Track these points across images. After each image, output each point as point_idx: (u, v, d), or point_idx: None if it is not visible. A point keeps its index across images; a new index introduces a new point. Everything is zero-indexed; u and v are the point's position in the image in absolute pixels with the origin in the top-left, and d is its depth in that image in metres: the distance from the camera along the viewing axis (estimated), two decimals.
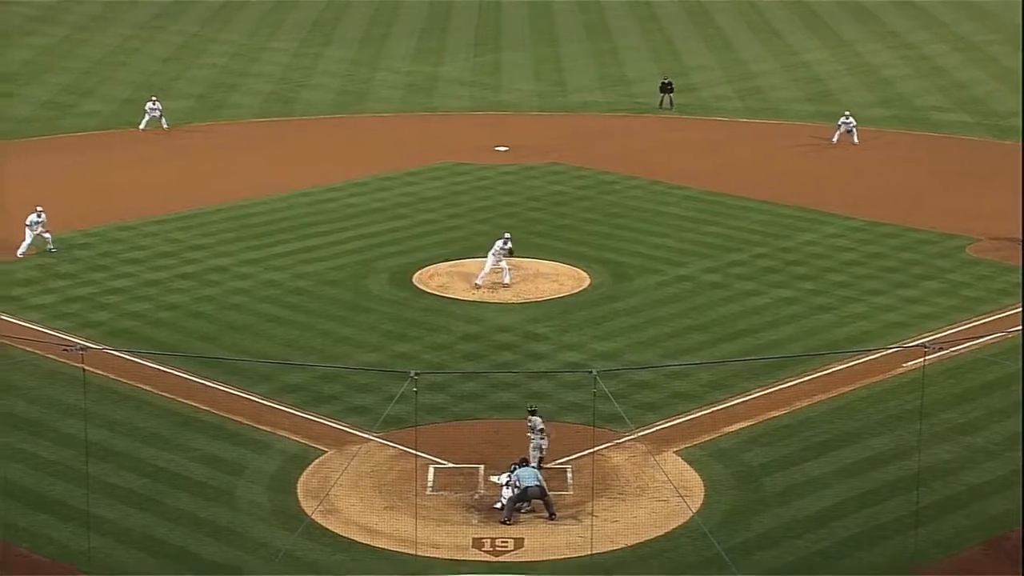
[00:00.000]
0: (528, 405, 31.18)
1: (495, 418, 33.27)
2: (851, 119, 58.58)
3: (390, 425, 31.56)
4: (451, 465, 30.81)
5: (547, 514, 28.48)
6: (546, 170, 55.86)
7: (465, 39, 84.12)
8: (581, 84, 71.96)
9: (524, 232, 47.69)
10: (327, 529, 28.29)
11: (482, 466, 30.55)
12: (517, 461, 29.00)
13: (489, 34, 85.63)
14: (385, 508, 29.18)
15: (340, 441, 32.13)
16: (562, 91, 70.84)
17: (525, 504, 28.54)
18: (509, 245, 41.62)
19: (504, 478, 28.83)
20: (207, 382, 34.99)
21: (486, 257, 42.20)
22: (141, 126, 62.10)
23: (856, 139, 58.06)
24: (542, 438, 30.16)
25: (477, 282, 41.56)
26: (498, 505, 28.79)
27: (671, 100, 65.37)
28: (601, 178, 54.36)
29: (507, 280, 41.61)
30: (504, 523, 28.29)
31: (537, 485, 28.41)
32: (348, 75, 75.01)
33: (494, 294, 41.73)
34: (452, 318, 39.76)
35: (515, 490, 28.40)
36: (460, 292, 41.88)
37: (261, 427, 32.83)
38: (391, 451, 31.49)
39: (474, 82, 73.14)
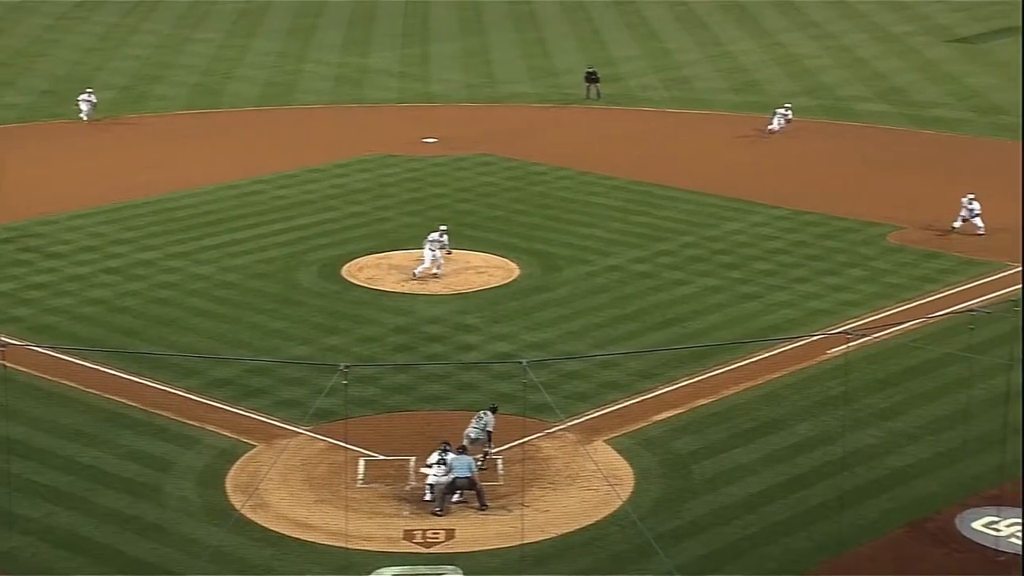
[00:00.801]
0: (492, 404, 30.63)
1: (426, 410, 33.16)
2: (789, 111, 58.59)
3: (320, 418, 31.32)
4: (382, 457, 30.65)
5: (478, 504, 28.42)
6: (476, 161, 55.75)
7: (393, 30, 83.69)
8: (510, 75, 71.92)
9: (454, 224, 47.48)
10: (257, 524, 28.02)
11: (413, 458, 30.43)
12: (454, 449, 28.77)
13: (417, 25, 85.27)
14: (315, 502, 28.96)
15: (270, 435, 31.83)
16: (491, 82, 70.74)
17: (456, 494, 28.45)
18: (445, 239, 41.28)
19: (434, 457, 28.53)
20: (133, 377, 34.49)
21: (421, 249, 41.93)
22: (84, 118, 61.03)
23: (779, 128, 58.21)
24: (479, 435, 29.77)
25: (416, 272, 41.29)
26: (427, 497, 28.66)
27: (597, 90, 65.45)
28: (530, 169, 54.38)
29: (439, 271, 41.44)
30: (436, 514, 28.21)
31: (467, 476, 28.35)
32: (275, 67, 74.31)
33: (424, 286, 41.58)
34: (382, 310, 39.56)
35: (439, 467, 28.06)
36: (390, 284, 41.67)
37: (189, 422, 32.43)
38: (321, 444, 31.26)
39: (403, 73, 72.82)
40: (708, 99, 66.07)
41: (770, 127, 58.36)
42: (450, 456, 28.46)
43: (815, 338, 36.11)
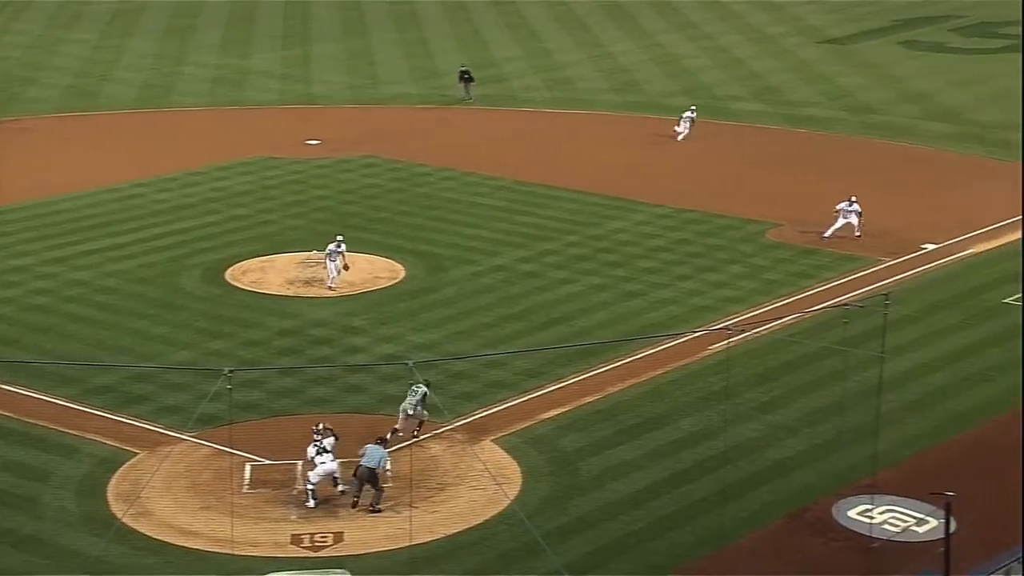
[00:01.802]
0: (425, 381, 30.88)
1: (313, 413, 32.90)
2: (694, 113, 58.09)
3: (204, 424, 30.90)
4: (268, 462, 30.37)
5: (370, 503, 28.30)
6: (359, 163, 55.49)
7: (273, 31, 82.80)
8: (392, 76, 71.70)
9: (339, 226, 47.20)
10: (139, 532, 27.54)
11: (300, 462, 30.17)
12: (327, 435, 28.89)
13: (297, 26, 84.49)
14: (200, 508, 28.56)
15: (152, 442, 31.30)
16: (373, 83, 70.45)
17: (360, 486, 28.43)
18: (342, 248, 40.57)
19: (312, 451, 28.58)
20: (8, 387, 33.59)
21: (305, 252, 41.58)
22: None
23: (685, 132, 57.47)
24: (416, 409, 30.34)
25: (329, 284, 40.39)
26: (310, 489, 28.37)
27: (470, 91, 65.01)
28: (415, 170, 54.30)
29: (332, 283, 40.45)
30: (355, 502, 28.05)
31: (371, 469, 28.28)
32: (152, 68, 72.99)
33: (310, 288, 41.26)
34: (267, 314, 39.17)
35: (323, 455, 28.27)
36: (274, 287, 41.28)
37: (68, 431, 31.71)
38: (206, 450, 30.84)
39: (284, 75, 72.11)
40: (589, 99, 66.70)
41: (677, 128, 57.69)
42: (367, 448, 28.46)
43: (697, 334, 36.73)
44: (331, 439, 28.91)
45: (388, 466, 28.69)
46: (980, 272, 42.74)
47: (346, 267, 40.63)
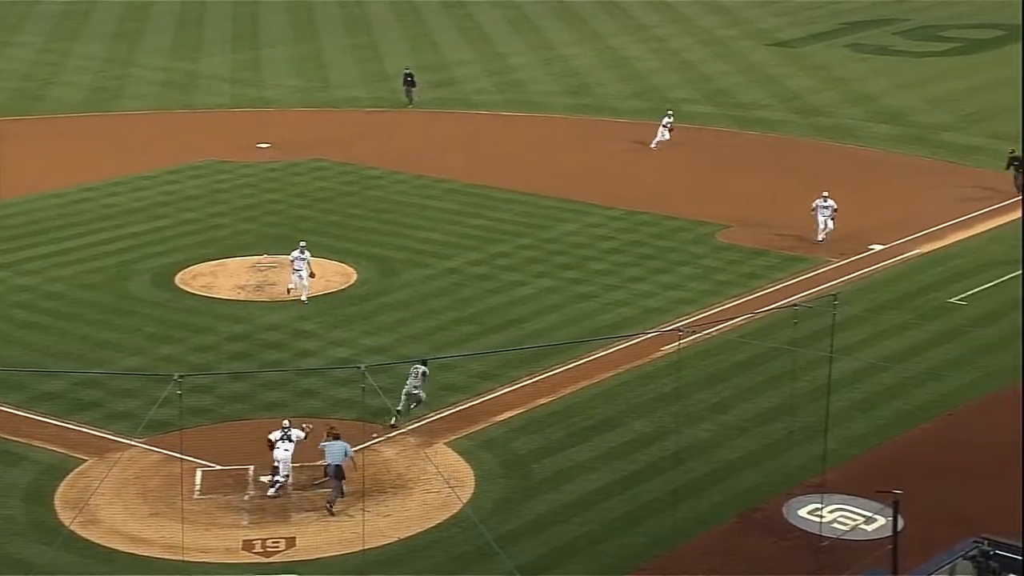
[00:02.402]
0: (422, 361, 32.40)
1: (264, 418, 32.69)
2: (671, 118, 56.85)
3: (155, 430, 30.62)
4: (219, 468, 30.14)
5: (329, 501, 28.25)
6: (310, 166, 55.23)
7: (223, 35, 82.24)
8: (343, 79, 71.43)
9: (290, 229, 47.05)
10: (88, 540, 27.24)
11: (251, 467, 30.01)
12: (293, 428, 29.08)
13: (247, 29, 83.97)
14: (150, 515, 28.31)
15: (101, 449, 30.98)
16: (324, 86, 70.16)
17: (340, 483, 28.47)
18: (306, 255, 39.66)
19: (277, 434, 28.64)
20: None
21: (256, 255, 41.29)
22: None
23: (662, 138, 56.36)
24: (416, 387, 31.56)
25: (303, 299, 39.45)
26: (278, 477, 28.43)
27: (412, 95, 64.10)
28: (366, 173, 54.13)
29: (302, 294, 39.40)
30: (329, 505, 28.25)
31: (338, 465, 28.24)
32: (100, 71, 72.26)
33: (261, 292, 41.02)
34: (218, 318, 38.88)
35: (284, 443, 28.51)
36: (225, 292, 41.00)
37: (14, 439, 31.31)
38: (156, 456, 30.56)
39: (234, 78, 71.63)
40: (541, 102, 66.77)
41: (659, 140, 56.36)
42: (327, 445, 28.47)
43: (649, 336, 36.88)
44: (299, 432, 28.94)
45: (351, 453, 28.76)
46: (926, 272, 43.24)
47: (312, 275, 39.81)
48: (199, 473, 29.82)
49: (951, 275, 42.91)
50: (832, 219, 45.19)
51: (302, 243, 40.59)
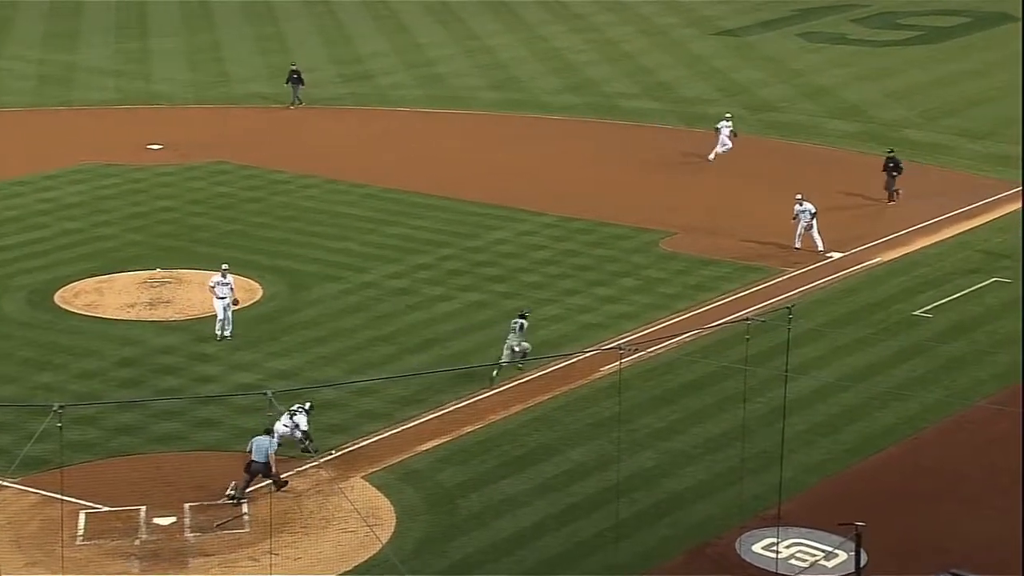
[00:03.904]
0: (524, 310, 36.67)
1: (158, 451, 32.39)
2: (730, 122, 55.58)
3: (30, 468, 30.17)
4: (106, 509, 29.76)
5: (274, 487, 29.55)
6: (209, 170, 54.89)
7: (105, 23, 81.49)
8: (244, 73, 71.09)
9: (186, 240, 46.71)
10: None
11: (143, 507, 29.67)
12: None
13: (132, 18, 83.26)
14: (26, 565, 27.86)
15: None
16: (224, 81, 69.76)
17: (250, 480, 29.32)
18: (229, 279, 38.66)
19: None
20: None
21: (151, 270, 41.34)
22: None
23: (723, 148, 55.07)
24: (518, 343, 35.31)
25: (226, 334, 38.41)
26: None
27: (298, 94, 63.15)
28: (272, 177, 53.90)
29: (225, 331, 38.47)
30: (235, 500, 29.26)
31: (263, 462, 28.74)
32: None
33: (153, 311, 40.64)
34: (104, 341, 38.48)
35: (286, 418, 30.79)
36: (112, 311, 40.61)
37: None
38: (32, 498, 30.11)
39: (120, 72, 71.00)
40: (465, 97, 66.96)
41: (723, 149, 54.87)
42: (253, 441, 29.53)
43: (587, 354, 37.06)
44: (304, 418, 31.00)
45: (272, 450, 29.74)
46: (889, 282, 43.91)
47: (235, 302, 38.92)
48: (82, 516, 29.43)
49: (916, 285, 43.63)
50: (809, 226, 45.12)
51: (224, 265, 39.59)
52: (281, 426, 31.04)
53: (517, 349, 35.63)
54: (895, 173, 50.96)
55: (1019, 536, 28.62)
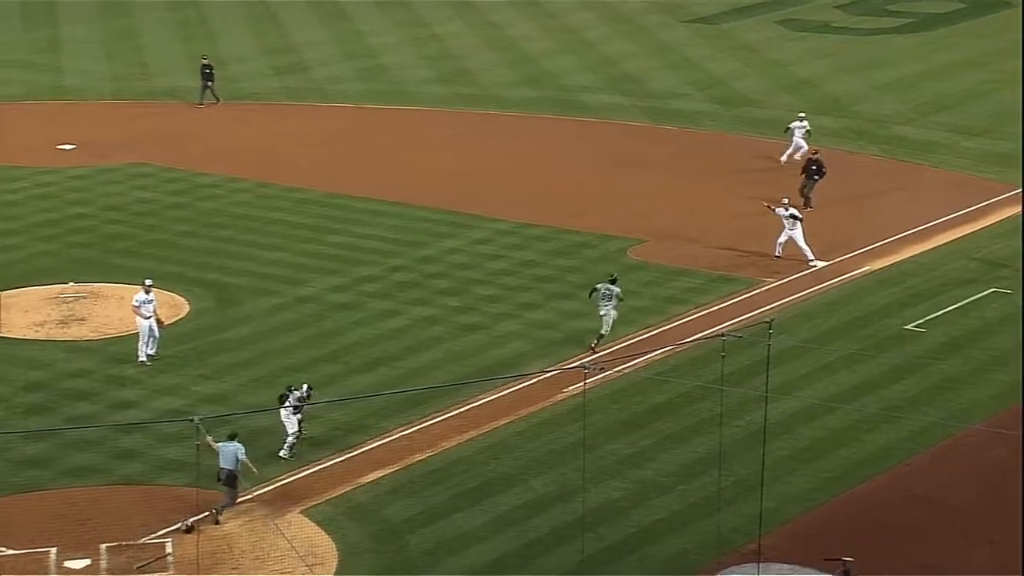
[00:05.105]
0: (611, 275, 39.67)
1: (72, 486, 32.33)
2: (805, 122, 55.06)
3: None
4: (12, 552, 29.66)
5: (217, 509, 29.91)
6: (128, 172, 54.84)
7: (7, 9, 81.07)
8: (166, 66, 70.99)
9: (101, 251, 46.62)
10: None
11: (54, 549, 29.62)
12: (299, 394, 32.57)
13: (39, 3, 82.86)
14: None
15: None
16: (143, 74, 69.66)
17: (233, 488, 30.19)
18: (153, 298, 38.54)
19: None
20: None
21: (62, 284, 41.29)
22: None
23: (797, 150, 54.51)
24: (608, 308, 38.54)
25: (147, 354, 38.36)
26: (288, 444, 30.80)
27: (212, 91, 63.04)
28: (198, 181, 53.89)
29: (150, 350, 38.41)
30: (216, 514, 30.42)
31: (232, 470, 29.40)
32: None
33: (65, 330, 40.56)
34: (9, 363, 38.43)
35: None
36: (19, 330, 40.54)
37: None
38: None
39: (25, 62, 70.74)
40: (412, 92, 67.17)
41: (798, 152, 54.14)
42: (221, 447, 30.25)
43: (549, 374, 37.28)
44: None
45: (243, 456, 30.64)
46: (877, 293, 44.40)
47: (160, 323, 38.71)
48: None
49: (907, 297, 44.14)
50: (793, 232, 45.40)
51: (148, 280, 39.36)
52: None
53: (615, 315, 38.61)
54: (816, 177, 50.26)
55: (1020, 573, 29.04)
